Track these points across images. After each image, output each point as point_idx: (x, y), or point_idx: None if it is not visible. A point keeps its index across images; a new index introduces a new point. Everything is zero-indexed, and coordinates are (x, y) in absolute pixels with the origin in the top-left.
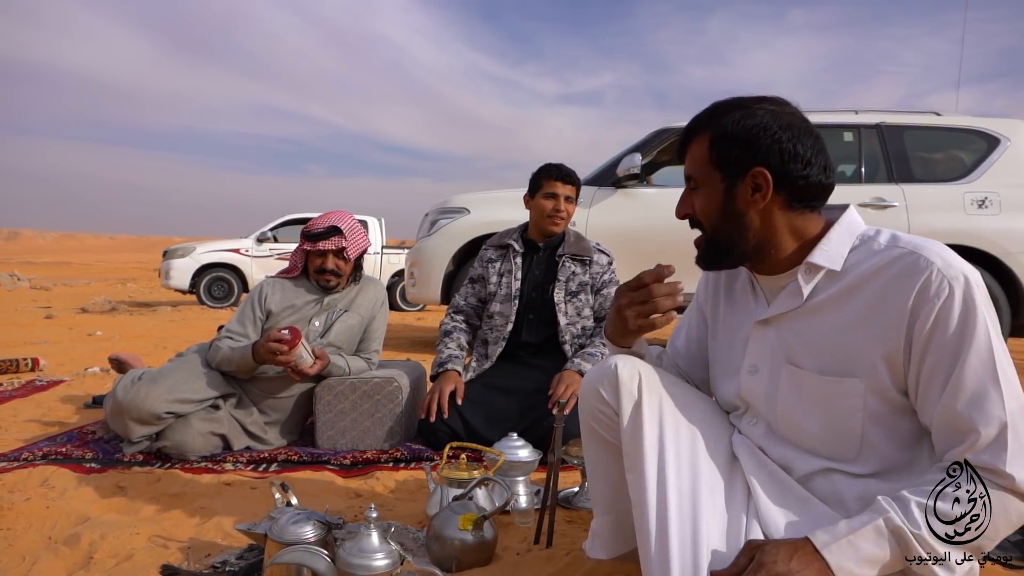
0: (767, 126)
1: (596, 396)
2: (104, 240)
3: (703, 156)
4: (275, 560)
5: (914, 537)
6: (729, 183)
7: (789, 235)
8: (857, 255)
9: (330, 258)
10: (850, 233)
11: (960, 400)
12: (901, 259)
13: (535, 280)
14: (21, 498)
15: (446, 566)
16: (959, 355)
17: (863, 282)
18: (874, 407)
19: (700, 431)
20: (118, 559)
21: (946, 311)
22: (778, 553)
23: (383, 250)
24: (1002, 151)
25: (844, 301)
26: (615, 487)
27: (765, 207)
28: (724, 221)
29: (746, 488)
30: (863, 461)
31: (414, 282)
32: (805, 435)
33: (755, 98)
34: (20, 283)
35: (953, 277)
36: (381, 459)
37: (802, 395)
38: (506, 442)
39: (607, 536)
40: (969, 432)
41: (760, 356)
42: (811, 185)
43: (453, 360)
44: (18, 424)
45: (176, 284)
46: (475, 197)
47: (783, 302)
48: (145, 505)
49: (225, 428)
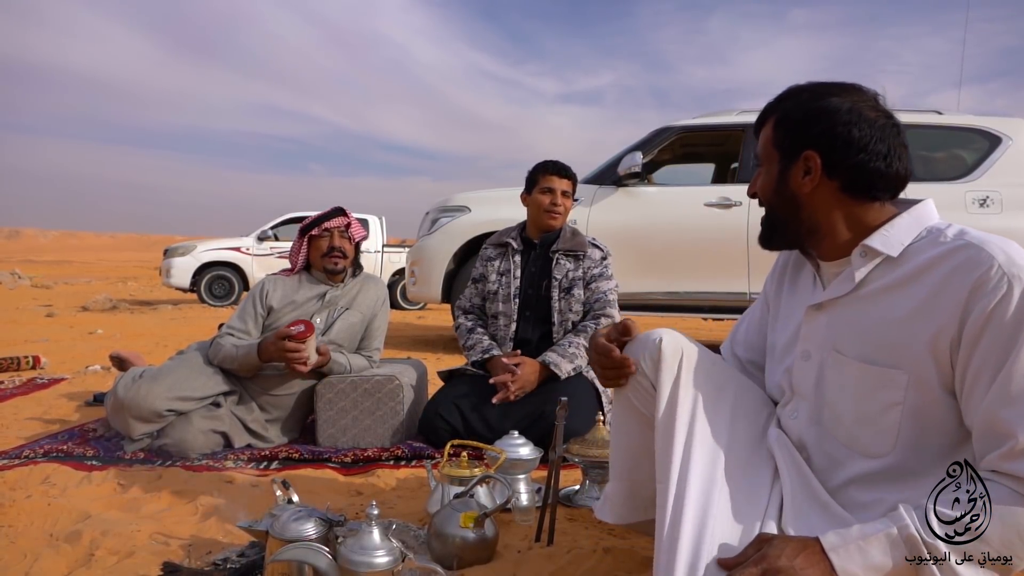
0: (828, 110)
1: (636, 366)
2: (105, 239)
3: (768, 137)
4: (276, 557)
5: (928, 548)
6: (784, 164)
7: (844, 222)
8: (920, 245)
9: (336, 236)
10: (918, 223)
11: (1003, 402)
12: (962, 251)
13: (531, 278)
14: (22, 495)
15: (447, 564)
16: (1008, 354)
17: (920, 272)
18: (915, 404)
19: (734, 417)
20: (119, 556)
21: (1003, 308)
22: (785, 548)
23: (384, 249)
24: (1004, 150)
25: (898, 290)
26: (635, 455)
27: (818, 191)
28: (777, 201)
29: (770, 482)
30: (896, 459)
31: (415, 281)
32: (843, 426)
33: (830, 84)
34: (21, 281)
35: (1014, 275)
36: (382, 457)
37: (844, 384)
38: (507, 440)
39: (618, 502)
40: (1008, 437)
41: (812, 342)
42: (868, 173)
43: (495, 347)
44: (19, 422)
45: (177, 282)
46: (476, 196)
47: (837, 287)
48: (146, 502)
49: (226, 426)
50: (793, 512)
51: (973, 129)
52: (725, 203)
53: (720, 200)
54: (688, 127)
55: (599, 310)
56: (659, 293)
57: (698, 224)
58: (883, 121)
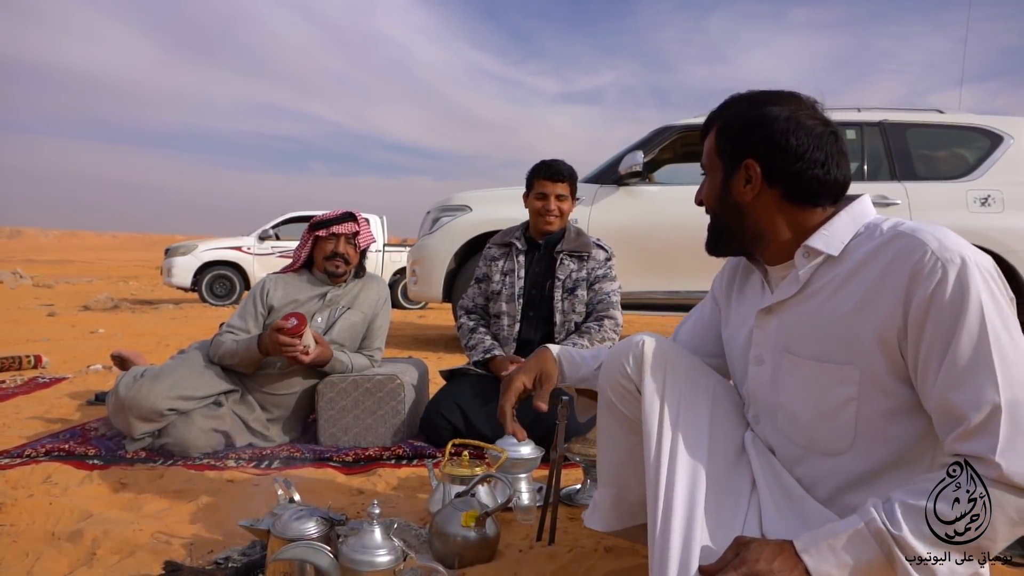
0: (766, 120)
1: (620, 370)
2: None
3: (711, 145)
4: (278, 556)
5: (895, 540)
6: (726, 173)
7: (788, 227)
8: (859, 242)
9: (342, 242)
10: (855, 221)
11: (952, 385)
12: (897, 241)
13: (535, 277)
14: (24, 494)
15: (448, 563)
16: (951, 338)
17: (860, 267)
18: (870, 398)
19: (713, 419)
20: (121, 555)
21: (940, 292)
22: (762, 552)
23: (385, 248)
24: (1005, 149)
25: (842, 287)
26: (621, 461)
27: (759, 199)
28: (721, 209)
29: (750, 484)
30: (857, 455)
31: (416, 280)
32: (799, 427)
33: (769, 92)
34: (23, 281)
35: (948, 259)
36: (383, 456)
37: (799, 385)
38: (508, 439)
39: (606, 509)
40: (961, 418)
41: (763, 346)
42: (807, 180)
43: (496, 347)
44: (21, 421)
45: (178, 282)
46: (477, 195)
47: (784, 289)
48: (148, 502)
49: (227, 425)
50: (770, 514)
51: (974, 128)
52: None
53: None
54: (689, 126)
55: (602, 311)
56: (659, 292)
57: (699, 223)
58: (821, 129)
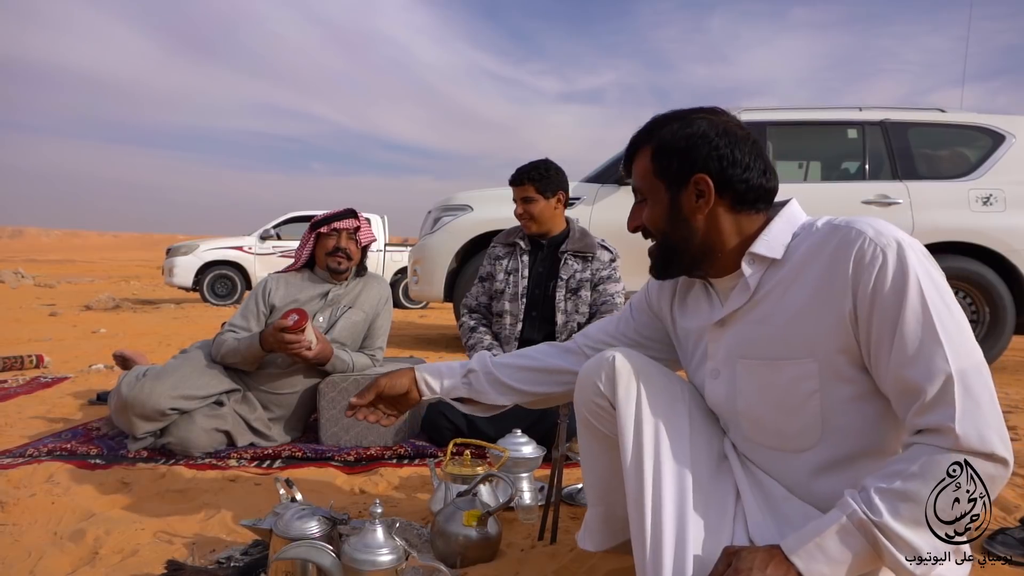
0: (704, 134)
1: (593, 388)
2: (108, 238)
3: (647, 169)
4: (280, 555)
5: (877, 526)
6: (673, 192)
7: (735, 236)
8: (798, 242)
9: (344, 237)
10: (790, 224)
11: (904, 363)
12: (835, 234)
13: (538, 277)
14: (26, 494)
15: (451, 562)
16: (897, 318)
17: (805, 264)
18: (832, 388)
19: (693, 428)
20: (123, 554)
21: (882, 276)
22: (754, 560)
23: (386, 248)
24: (1007, 148)
25: (791, 285)
26: (606, 479)
27: (711, 211)
28: (672, 228)
29: (734, 490)
30: (829, 446)
31: (417, 279)
32: (765, 431)
33: (692, 109)
34: (24, 280)
35: (885, 244)
36: (385, 456)
37: (759, 388)
38: (510, 439)
39: (597, 528)
40: (916, 393)
41: (719, 358)
42: (752, 188)
43: (496, 347)
44: (23, 420)
45: (179, 282)
46: (478, 194)
47: (736, 299)
48: (150, 501)
49: (229, 424)
50: (755, 519)
51: (976, 127)
52: None
53: None
54: None
55: (606, 312)
56: None
57: None
58: (752, 138)
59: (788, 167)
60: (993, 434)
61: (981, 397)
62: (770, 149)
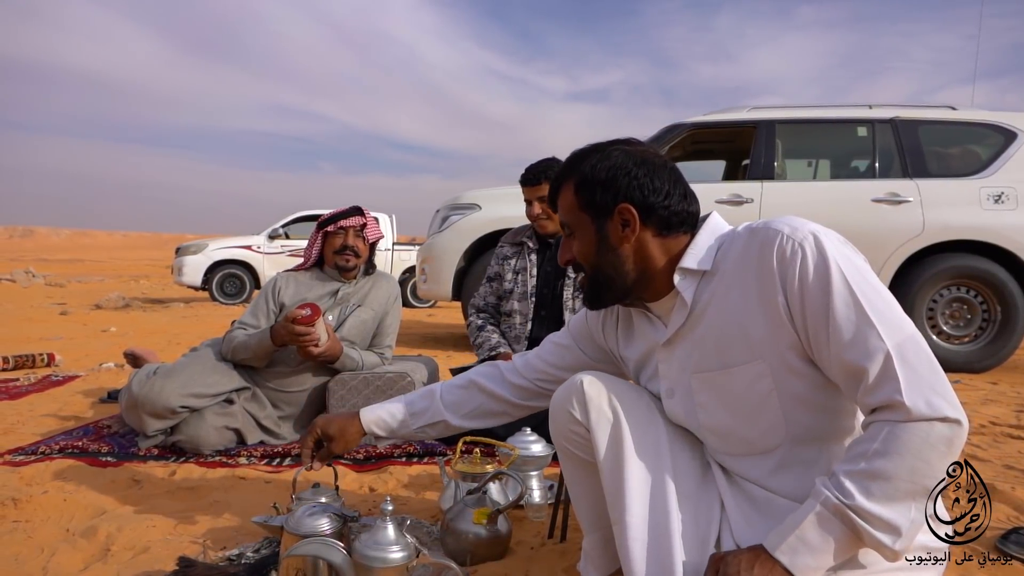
0: (623, 165)
1: (567, 416)
2: (117, 237)
3: (571, 203)
4: (292, 552)
5: (851, 509)
6: (599, 223)
7: (663, 257)
8: (724, 251)
9: (351, 234)
10: (714, 235)
11: (843, 348)
12: (756, 235)
13: (546, 276)
14: (39, 491)
15: (460, 559)
16: (826, 306)
17: (735, 271)
18: (786, 384)
19: (673, 441)
20: (135, 551)
21: (804, 269)
22: (740, 563)
23: (394, 247)
24: (1019, 145)
25: (726, 292)
26: (596, 504)
27: (637, 238)
28: (601, 259)
29: (718, 498)
30: (793, 442)
31: (425, 278)
32: (730, 440)
33: (609, 142)
34: (35, 280)
35: (802, 238)
36: (394, 454)
37: (717, 398)
38: (519, 437)
39: (597, 555)
40: (860, 374)
41: (671, 378)
42: (675, 213)
43: (503, 345)
44: (35, 418)
45: (189, 281)
46: (486, 193)
47: (676, 318)
48: (160, 498)
49: (239, 422)
50: (739, 525)
51: (987, 124)
52: (736, 200)
53: (731, 197)
54: (699, 124)
55: None
56: None
57: None
58: (670, 165)
59: (797, 165)
60: (938, 398)
61: (920, 367)
62: (779, 147)
